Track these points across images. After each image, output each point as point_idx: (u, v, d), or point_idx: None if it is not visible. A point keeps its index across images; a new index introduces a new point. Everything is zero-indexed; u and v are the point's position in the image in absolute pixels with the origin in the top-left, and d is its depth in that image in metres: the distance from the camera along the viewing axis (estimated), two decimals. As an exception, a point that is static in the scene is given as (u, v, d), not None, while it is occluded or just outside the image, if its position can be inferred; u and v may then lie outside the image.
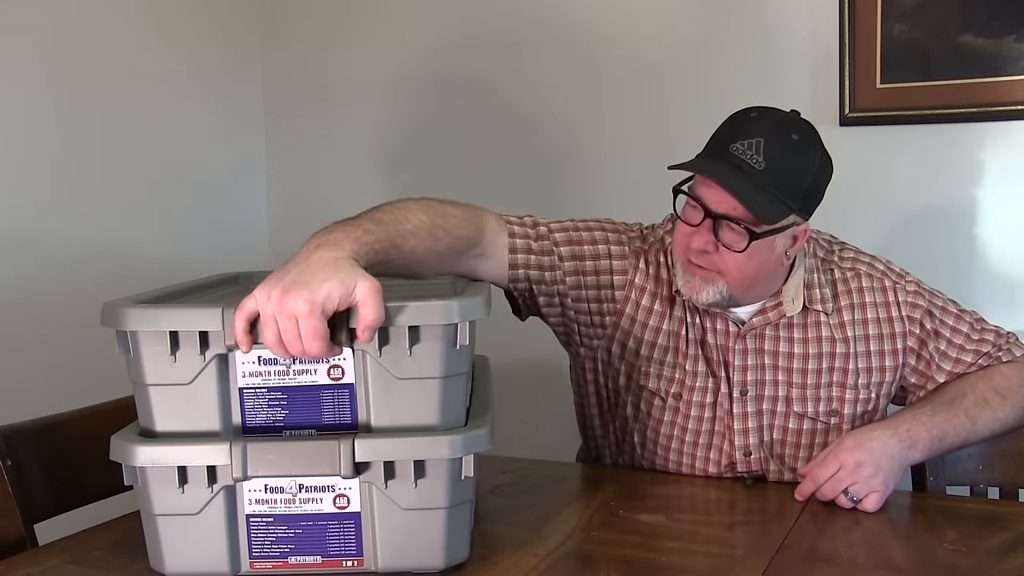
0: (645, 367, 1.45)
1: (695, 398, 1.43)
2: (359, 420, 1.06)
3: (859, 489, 1.27)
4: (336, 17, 2.47)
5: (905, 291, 1.43)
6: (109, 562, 1.15)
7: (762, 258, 1.34)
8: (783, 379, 1.42)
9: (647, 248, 1.46)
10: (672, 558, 1.14)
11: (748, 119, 1.33)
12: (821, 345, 1.41)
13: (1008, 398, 1.39)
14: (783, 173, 1.29)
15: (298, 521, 1.07)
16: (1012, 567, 1.10)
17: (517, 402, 1.64)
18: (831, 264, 1.45)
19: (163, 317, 1.03)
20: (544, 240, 1.43)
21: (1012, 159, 1.93)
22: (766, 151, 1.28)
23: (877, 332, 1.42)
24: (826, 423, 1.42)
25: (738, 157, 1.29)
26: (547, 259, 1.42)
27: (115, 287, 1.26)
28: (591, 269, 1.44)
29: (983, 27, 1.89)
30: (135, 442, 1.04)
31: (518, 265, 1.41)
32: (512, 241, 1.40)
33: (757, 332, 1.42)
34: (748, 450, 1.43)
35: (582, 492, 1.35)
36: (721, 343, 1.42)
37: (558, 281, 1.43)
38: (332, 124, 2.51)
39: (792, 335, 1.42)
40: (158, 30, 2.24)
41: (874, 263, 1.46)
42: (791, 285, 1.41)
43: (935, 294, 1.47)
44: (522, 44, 2.29)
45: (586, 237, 1.45)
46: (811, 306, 1.41)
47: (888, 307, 1.43)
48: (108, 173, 2.13)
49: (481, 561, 1.12)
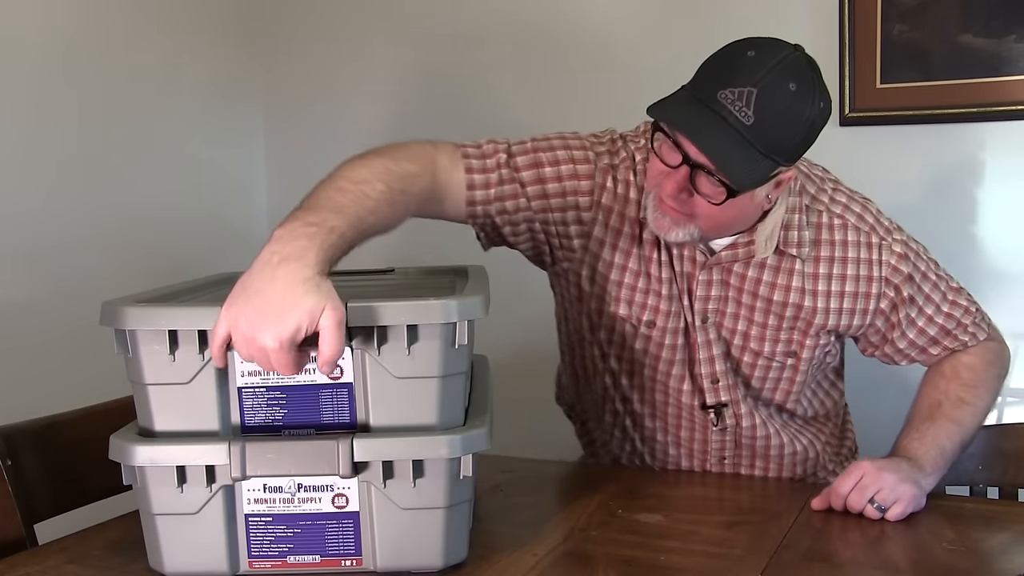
0: (615, 292, 1.39)
1: (669, 324, 1.39)
2: (358, 419, 1.06)
3: (886, 496, 1.23)
4: (336, 18, 2.47)
5: (891, 251, 1.37)
6: (108, 562, 1.15)
7: (740, 207, 1.26)
8: (744, 315, 1.38)
9: (617, 164, 1.38)
10: (671, 557, 1.14)
11: (744, 60, 1.19)
12: (788, 294, 1.36)
13: (980, 386, 1.40)
14: (773, 128, 1.18)
15: (297, 520, 1.07)
16: (1012, 567, 1.10)
17: (516, 402, 1.64)
18: (820, 206, 1.37)
19: (162, 316, 1.03)
20: (504, 168, 1.35)
21: (1012, 159, 1.93)
22: (757, 103, 1.16)
23: (853, 290, 1.37)
24: (781, 363, 1.40)
25: (725, 107, 1.17)
26: (508, 188, 1.35)
27: (115, 287, 1.26)
28: (556, 191, 1.36)
29: (983, 27, 1.89)
30: (134, 442, 1.04)
31: (476, 202, 1.34)
32: (469, 178, 1.33)
33: (724, 266, 1.36)
34: (715, 377, 1.40)
35: (581, 492, 1.35)
36: (687, 270, 1.37)
37: (522, 208, 1.36)
38: (332, 124, 2.51)
39: (760, 276, 1.36)
40: (158, 30, 2.24)
41: (864, 214, 1.38)
42: (768, 224, 1.33)
43: (920, 256, 1.41)
44: (521, 45, 2.29)
45: (548, 158, 1.36)
46: (786, 249, 1.34)
47: (870, 265, 1.37)
48: (108, 173, 2.13)
49: (480, 561, 1.12)
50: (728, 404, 1.42)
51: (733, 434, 1.44)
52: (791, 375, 1.42)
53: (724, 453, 1.46)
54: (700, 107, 1.19)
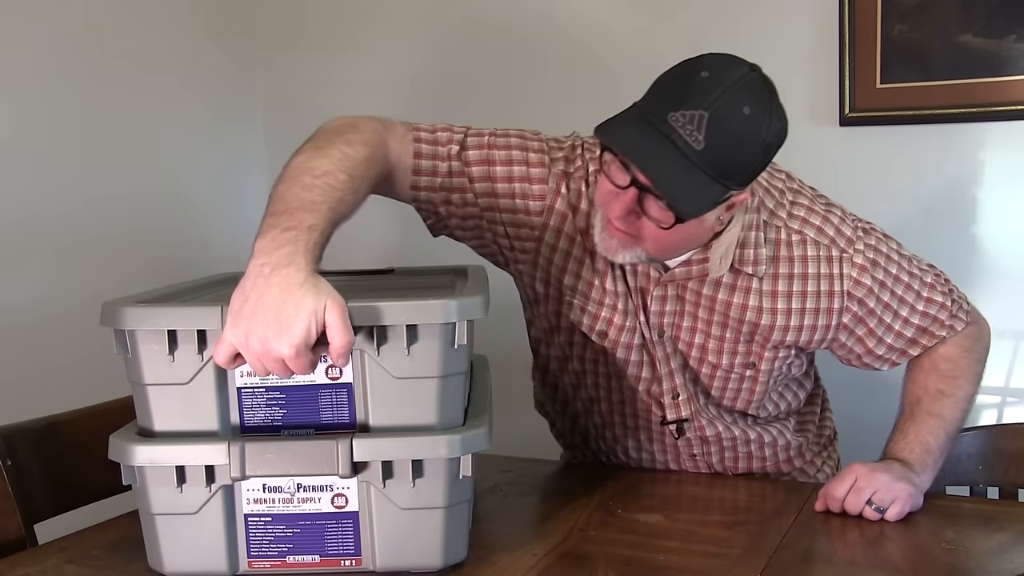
0: (569, 298, 1.37)
1: (624, 338, 1.36)
2: (357, 419, 1.06)
3: (883, 497, 1.23)
4: (336, 18, 2.47)
5: (852, 263, 1.32)
6: (108, 561, 1.15)
7: (688, 231, 1.21)
8: (701, 328, 1.35)
9: (571, 172, 1.34)
10: (670, 558, 1.14)
11: (696, 81, 1.13)
12: (745, 312, 1.32)
13: (959, 376, 1.38)
14: (725, 153, 1.13)
15: (296, 520, 1.07)
16: (1011, 567, 1.10)
17: (516, 402, 1.64)
18: (778, 221, 1.32)
19: (161, 316, 1.03)
20: (455, 160, 1.32)
21: (1012, 159, 1.93)
22: (709, 128, 1.11)
23: (814, 306, 1.33)
24: (740, 374, 1.39)
25: (675, 130, 1.11)
26: (456, 181, 1.32)
27: (114, 287, 1.26)
28: (505, 192, 1.33)
29: (983, 27, 1.89)
30: (134, 441, 1.04)
31: (420, 187, 1.32)
32: (417, 163, 1.31)
33: (678, 282, 1.33)
34: (675, 392, 1.39)
35: (580, 492, 1.35)
36: (641, 285, 1.34)
37: (469, 203, 1.34)
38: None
39: (716, 294, 1.32)
40: (158, 31, 2.24)
41: (824, 226, 1.33)
42: (722, 243, 1.28)
43: (889, 258, 1.35)
44: (522, 46, 2.29)
45: (501, 157, 1.33)
46: (741, 268, 1.30)
47: (831, 280, 1.32)
48: (108, 173, 2.13)
49: (479, 561, 1.12)
50: (689, 419, 1.41)
51: (700, 440, 1.43)
52: (751, 385, 1.40)
53: (693, 451, 1.45)
54: (649, 129, 1.14)
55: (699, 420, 1.41)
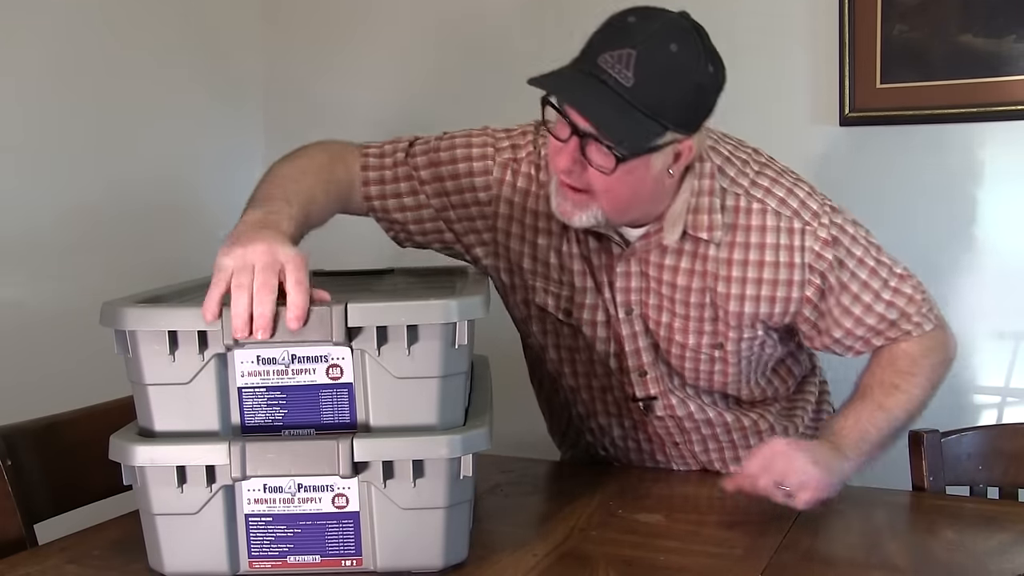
0: (532, 281, 1.39)
1: (585, 315, 1.37)
2: (358, 419, 1.06)
3: (794, 480, 1.19)
4: (337, 17, 2.47)
5: (815, 236, 1.29)
6: (108, 562, 1.15)
7: (637, 179, 1.21)
8: (667, 307, 1.35)
9: (520, 158, 1.37)
10: (671, 558, 1.14)
11: (624, 25, 1.17)
12: (705, 279, 1.31)
13: (916, 374, 1.34)
14: (655, 89, 1.15)
15: (297, 521, 1.07)
16: (1011, 567, 1.10)
17: (516, 401, 1.64)
18: (737, 189, 1.30)
19: (162, 317, 1.03)
20: (401, 166, 1.37)
21: (1012, 159, 1.93)
22: (636, 66, 1.14)
23: (772, 277, 1.30)
24: (709, 355, 1.37)
25: (605, 71, 1.15)
26: (405, 185, 1.37)
27: (114, 287, 1.26)
28: (454, 188, 1.37)
29: (983, 27, 1.89)
30: (134, 442, 1.04)
31: (372, 197, 1.38)
32: (365, 175, 1.37)
33: (640, 256, 1.33)
34: (643, 370, 1.39)
35: (581, 492, 1.35)
36: (605, 262, 1.35)
37: (424, 205, 1.38)
38: (332, 124, 2.50)
39: (677, 263, 1.32)
40: (158, 29, 2.24)
41: (788, 198, 1.31)
42: (675, 208, 1.29)
43: (856, 241, 1.33)
44: (522, 46, 2.29)
45: (446, 156, 1.37)
46: (695, 233, 1.29)
47: (791, 251, 1.29)
48: (107, 172, 2.13)
49: (480, 561, 1.12)
50: (657, 397, 1.40)
51: (675, 422, 1.43)
52: (722, 367, 1.38)
53: (675, 439, 1.45)
54: (580, 74, 1.17)
55: (668, 399, 1.40)
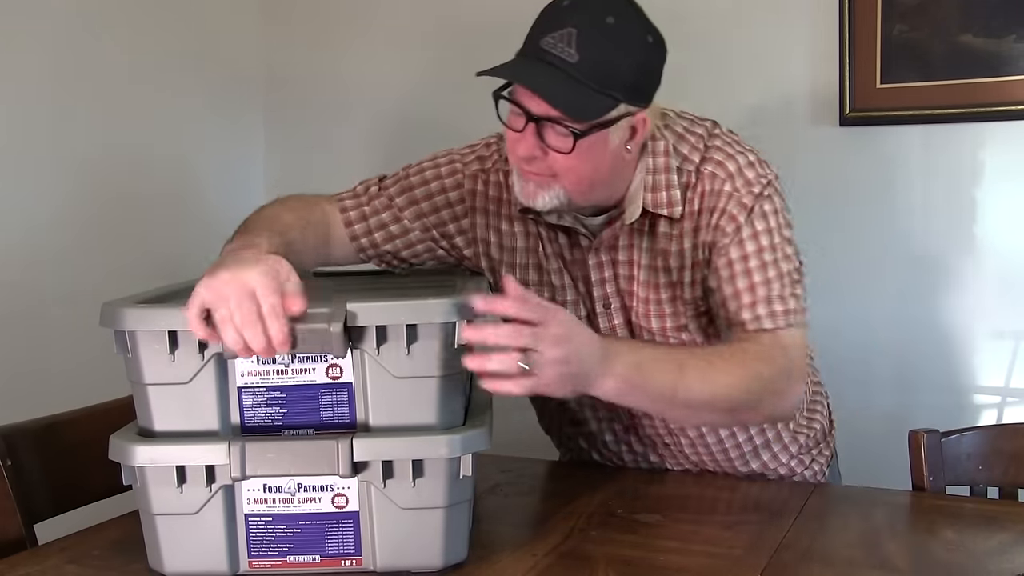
0: None
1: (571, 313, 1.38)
2: (357, 419, 1.06)
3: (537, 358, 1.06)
4: (337, 16, 2.47)
5: (738, 202, 1.30)
6: (108, 562, 1.15)
7: (596, 156, 1.23)
8: (634, 291, 1.36)
9: (488, 168, 1.41)
10: (670, 557, 1.14)
11: (560, 9, 1.21)
12: (659, 257, 1.33)
13: (734, 363, 1.25)
14: (599, 63, 1.18)
15: (297, 520, 1.07)
16: (1011, 567, 1.10)
17: (516, 401, 1.64)
18: (689, 166, 1.32)
19: (161, 317, 1.03)
20: (377, 199, 1.41)
21: (1012, 159, 1.93)
22: (578, 42, 1.17)
23: (707, 239, 1.31)
24: (678, 338, 1.36)
25: (550, 53, 1.18)
26: (386, 215, 1.41)
27: (114, 287, 1.26)
28: (429, 209, 1.41)
29: (983, 27, 1.89)
30: (134, 442, 1.04)
31: (358, 235, 1.40)
32: (346, 216, 1.40)
33: (607, 244, 1.35)
34: None
35: (580, 492, 1.35)
36: (577, 257, 1.37)
37: (408, 230, 1.41)
38: (332, 124, 2.51)
39: (640, 243, 1.33)
40: (158, 29, 2.24)
41: (726, 163, 1.31)
42: (632, 189, 1.31)
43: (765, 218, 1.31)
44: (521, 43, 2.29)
45: (417, 181, 1.42)
46: (655, 210, 1.30)
47: (713, 213, 1.31)
48: (107, 172, 2.13)
49: (480, 561, 1.12)
50: None
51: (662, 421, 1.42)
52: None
53: (664, 440, 1.45)
54: (527, 59, 1.22)
55: None
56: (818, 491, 1.37)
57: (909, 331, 1.72)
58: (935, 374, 1.98)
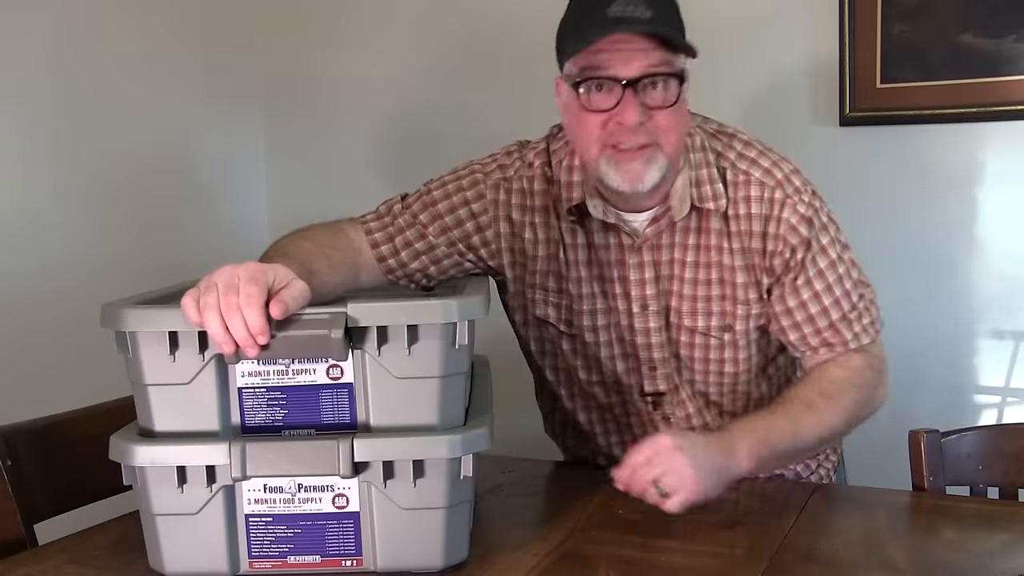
0: (531, 294, 1.42)
1: (586, 322, 1.40)
2: (358, 420, 1.06)
3: (670, 481, 1.16)
4: (337, 16, 2.47)
5: (794, 209, 1.32)
6: (108, 562, 1.15)
7: (684, 112, 1.28)
8: (676, 290, 1.36)
9: (510, 176, 1.41)
10: (671, 558, 1.14)
11: None
12: (710, 254, 1.34)
13: (835, 399, 1.32)
14: (669, 15, 1.24)
15: (297, 521, 1.07)
16: (1011, 567, 1.10)
17: (517, 402, 1.64)
18: (725, 163, 1.35)
19: (162, 317, 1.03)
20: (400, 217, 1.41)
21: (1012, 159, 1.93)
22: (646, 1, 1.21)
23: (760, 246, 1.33)
24: (720, 339, 1.37)
25: (624, 18, 1.19)
26: (411, 232, 1.40)
27: (115, 287, 1.26)
28: (453, 223, 1.40)
29: (983, 27, 1.89)
30: (134, 442, 1.04)
31: (385, 256, 1.39)
32: (372, 238, 1.39)
33: (652, 243, 1.35)
34: (653, 364, 1.40)
35: (581, 492, 1.35)
36: (616, 258, 1.37)
37: (435, 246, 1.40)
38: (332, 124, 2.51)
39: (686, 241, 1.35)
40: (158, 29, 2.24)
41: (773, 170, 1.34)
42: (677, 185, 1.32)
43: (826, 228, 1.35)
44: (522, 44, 2.28)
45: (439, 195, 1.41)
46: (701, 204, 1.33)
47: (770, 221, 1.32)
48: (108, 172, 2.13)
49: (480, 561, 1.12)
50: (665, 393, 1.41)
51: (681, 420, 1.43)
52: (732, 354, 1.39)
53: None
54: (605, 25, 1.20)
55: (676, 395, 1.41)
56: (819, 491, 1.37)
57: (909, 331, 1.72)
58: (935, 374, 1.98)
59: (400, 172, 2.42)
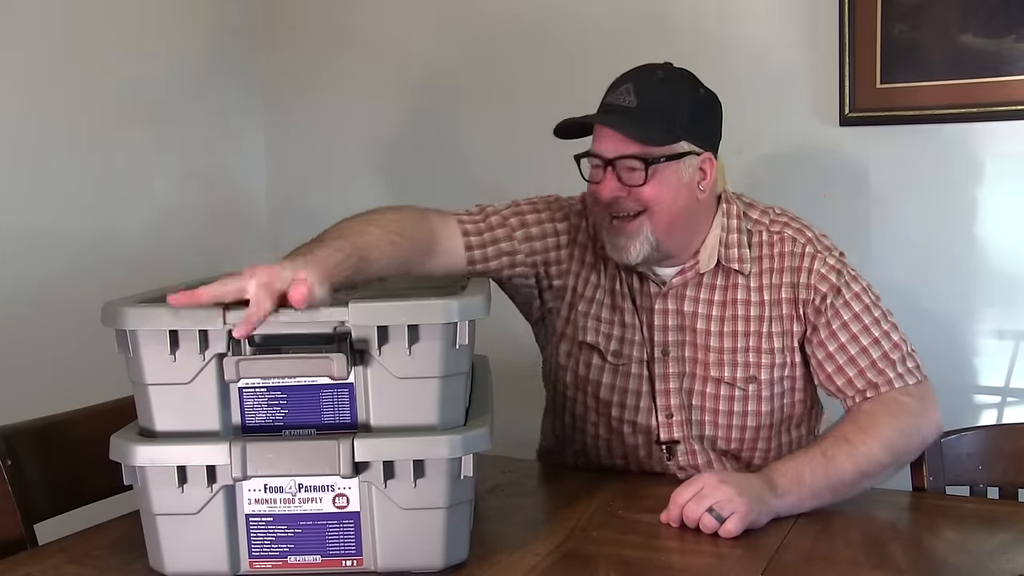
0: (583, 322, 1.49)
1: (635, 353, 1.46)
2: (358, 420, 1.06)
3: (723, 506, 1.19)
4: (337, 16, 2.47)
5: (824, 262, 1.41)
6: (108, 562, 1.15)
7: (672, 187, 1.37)
8: (701, 342, 1.43)
9: (581, 212, 1.53)
10: (671, 558, 1.14)
11: (618, 78, 1.41)
12: (736, 308, 1.42)
13: (870, 432, 1.33)
14: (657, 104, 1.36)
15: (297, 521, 1.07)
16: (1011, 567, 1.10)
17: (517, 402, 1.64)
18: (760, 228, 1.46)
19: (163, 316, 1.03)
20: (493, 217, 1.48)
21: (1012, 159, 1.92)
22: (636, 91, 1.36)
23: (790, 296, 1.41)
24: (744, 390, 1.41)
25: (613, 105, 1.38)
26: (501, 231, 1.47)
27: (116, 286, 1.26)
28: (538, 234, 1.50)
29: (983, 27, 1.89)
30: (135, 442, 1.04)
31: (473, 246, 1.44)
32: (467, 237, 1.44)
33: (677, 292, 1.45)
34: (669, 411, 1.44)
35: (581, 492, 1.35)
36: (644, 304, 1.46)
37: (516, 251, 1.48)
38: (332, 122, 2.50)
39: (712, 296, 1.44)
40: (159, 27, 2.24)
41: (804, 231, 1.45)
42: (708, 242, 1.44)
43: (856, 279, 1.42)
44: (521, 44, 2.29)
45: (527, 209, 1.52)
46: (728, 264, 1.43)
47: (801, 273, 1.41)
48: (108, 172, 2.13)
49: (480, 561, 1.12)
50: (679, 441, 1.44)
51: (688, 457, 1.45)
52: (755, 407, 1.42)
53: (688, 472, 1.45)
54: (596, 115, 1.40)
55: (689, 445, 1.44)
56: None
57: (909, 331, 1.71)
58: (935, 374, 1.96)
59: (400, 172, 2.43)
